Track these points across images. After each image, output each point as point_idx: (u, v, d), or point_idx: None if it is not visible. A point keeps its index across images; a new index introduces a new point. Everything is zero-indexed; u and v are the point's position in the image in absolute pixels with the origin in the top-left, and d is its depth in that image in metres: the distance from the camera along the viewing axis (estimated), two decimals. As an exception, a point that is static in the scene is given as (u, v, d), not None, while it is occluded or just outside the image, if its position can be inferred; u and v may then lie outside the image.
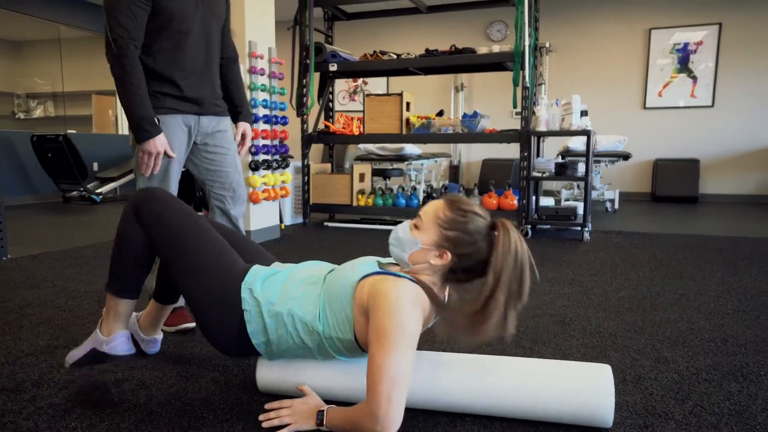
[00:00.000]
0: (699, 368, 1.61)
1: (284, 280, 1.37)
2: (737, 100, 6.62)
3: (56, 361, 1.67)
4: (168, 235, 1.36)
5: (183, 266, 1.35)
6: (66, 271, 2.91)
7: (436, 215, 1.27)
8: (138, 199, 1.39)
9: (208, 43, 1.93)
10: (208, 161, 2.00)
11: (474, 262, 1.26)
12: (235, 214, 2.06)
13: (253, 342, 1.33)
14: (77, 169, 6.37)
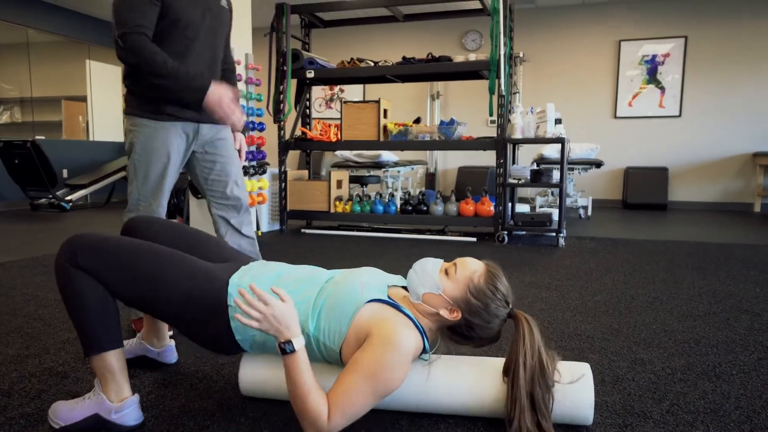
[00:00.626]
0: (674, 368, 1.65)
1: (275, 278, 1.33)
2: (703, 111, 6.83)
3: (27, 370, 1.62)
4: (117, 268, 1.23)
5: (148, 296, 1.25)
6: (35, 279, 2.82)
7: (470, 276, 1.26)
8: (69, 246, 1.23)
9: (213, 51, 1.93)
10: (207, 170, 1.99)
11: (476, 335, 1.27)
12: (236, 223, 2.04)
13: (237, 338, 1.29)
14: (46, 175, 6.21)
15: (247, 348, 1.32)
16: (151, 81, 1.74)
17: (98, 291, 1.24)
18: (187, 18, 1.81)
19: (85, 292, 1.22)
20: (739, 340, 1.91)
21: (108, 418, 1.26)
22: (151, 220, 1.51)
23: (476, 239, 4.22)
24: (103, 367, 1.25)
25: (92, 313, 1.23)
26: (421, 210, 4.41)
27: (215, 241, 1.54)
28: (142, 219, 1.51)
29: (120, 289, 1.25)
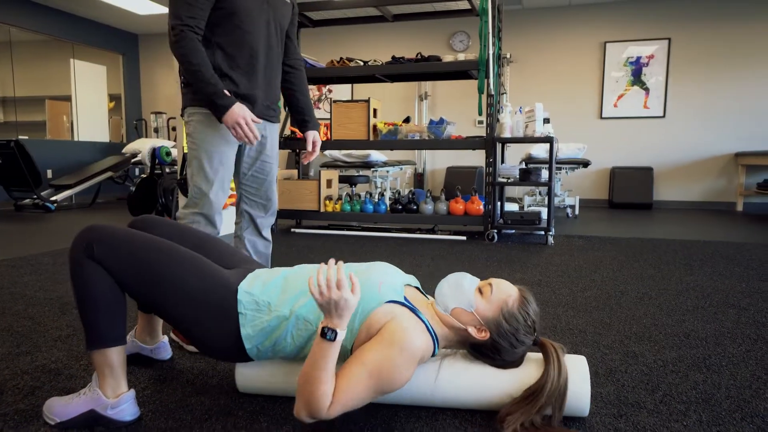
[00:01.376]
0: (666, 361, 1.67)
1: (283, 281, 1.33)
2: (686, 111, 6.94)
3: (19, 368, 1.60)
4: (133, 264, 1.22)
5: (160, 292, 1.23)
6: (23, 278, 2.79)
7: (505, 299, 1.27)
8: (87, 237, 1.22)
9: (269, 45, 1.92)
10: (248, 165, 2.01)
11: (500, 358, 1.28)
12: (261, 223, 2.04)
13: (246, 346, 1.27)
14: (30, 176, 6.13)
15: (254, 355, 1.30)
16: (184, 73, 1.77)
17: (110, 285, 1.23)
18: (245, 9, 1.81)
19: (97, 285, 1.21)
20: (727, 333, 1.94)
21: (104, 414, 1.24)
22: (157, 221, 1.50)
23: (466, 238, 4.25)
24: (104, 363, 1.24)
25: (101, 306, 1.22)
26: (411, 209, 4.42)
27: (220, 244, 1.54)
28: (149, 219, 1.50)
29: (132, 285, 1.24)
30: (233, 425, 1.26)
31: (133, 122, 8.76)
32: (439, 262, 3.28)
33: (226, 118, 1.77)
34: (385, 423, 1.28)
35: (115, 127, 8.77)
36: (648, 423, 1.28)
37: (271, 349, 1.28)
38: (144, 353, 1.64)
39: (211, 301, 1.25)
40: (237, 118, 1.77)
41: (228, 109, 1.75)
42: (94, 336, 1.23)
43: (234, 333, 1.27)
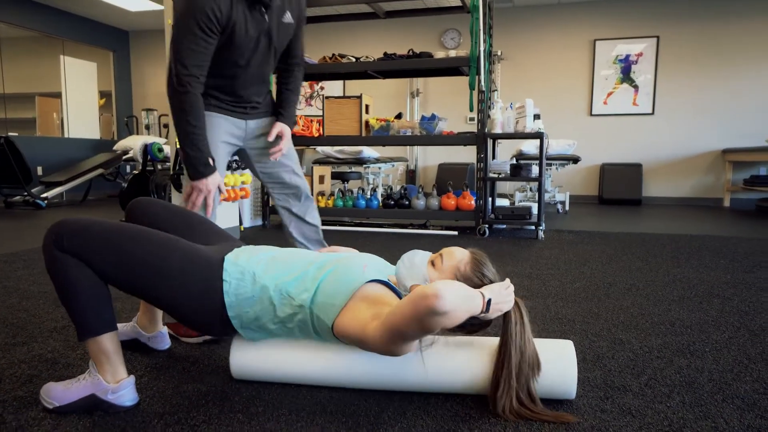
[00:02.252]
0: (651, 347, 1.72)
1: (270, 257, 1.37)
2: (674, 109, 7.03)
3: (16, 357, 1.62)
4: (104, 252, 1.22)
5: (135, 278, 1.24)
6: (16, 272, 2.79)
7: (456, 265, 1.30)
8: (54, 231, 1.22)
9: (262, 71, 1.95)
10: (262, 163, 2.03)
11: (468, 322, 1.27)
12: (299, 211, 2.06)
13: (229, 314, 1.30)
14: (20, 173, 6.10)
15: (238, 326, 1.32)
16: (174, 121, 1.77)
17: (87, 274, 1.23)
18: (240, 45, 1.79)
19: (74, 276, 1.22)
20: (711, 321, 1.99)
21: (104, 399, 1.26)
22: (151, 202, 1.53)
23: (457, 233, 4.29)
24: (98, 350, 1.26)
25: (83, 296, 1.22)
26: (403, 204, 4.46)
27: (213, 226, 1.57)
28: (142, 201, 1.53)
29: (107, 273, 1.24)
30: (230, 409, 1.29)
31: (124, 119, 8.72)
32: (430, 255, 3.32)
33: (197, 184, 1.78)
34: (377, 406, 1.31)
35: (105, 124, 8.74)
36: (633, 404, 1.32)
37: (255, 322, 1.31)
38: (142, 340, 1.66)
39: (191, 275, 1.27)
40: (209, 188, 1.79)
41: (204, 177, 1.77)
42: (83, 326, 1.24)
43: (217, 304, 1.29)
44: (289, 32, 1.97)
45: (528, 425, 1.22)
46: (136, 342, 1.66)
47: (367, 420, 1.23)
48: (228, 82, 1.90)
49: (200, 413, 1.27)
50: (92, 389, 1.27)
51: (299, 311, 1.28)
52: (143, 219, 1.49)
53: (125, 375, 1.29)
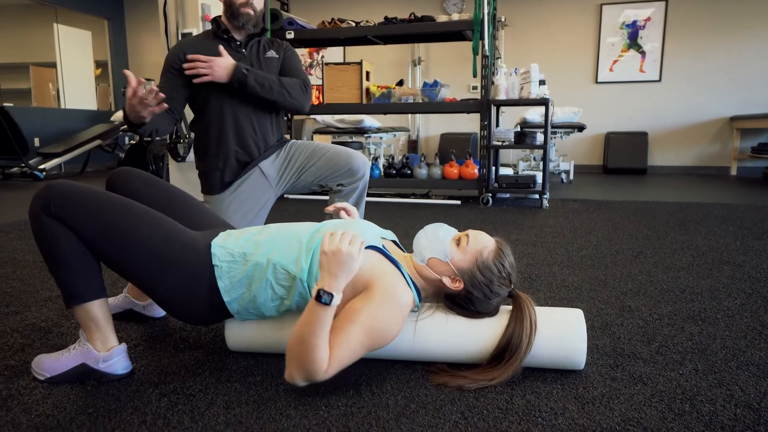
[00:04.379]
0: (661, 314, 1.67)
1: (255, 234, 1.31)
2: (682, 75, 6.87)
3: (8, 326, 1.57)
4: (92, 222, 1.17)
5: (123, 251, 1.18)
6: (12, 242, 2.74)
7: (481, 250, 1.25)
8: (43, 195, 1.17)
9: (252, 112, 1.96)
10: (306, 171, 1.97)
11: (474, 308, 1.27)
12: (358, 185, 1.97)
13: (225, 299, 1.24)
14: (17, 144, 6.01)
15: (235, 310, 1.26)
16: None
17: (75, 241, 1.18)
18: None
19: (60, 241, 1.17)
20: (722, 288, 1.94)
21: (96, 368, 1.22)
22: (132, 174, 1.45)
23: (460, 202, 4.22)
24: (86, 317, 1.22)
25: (69, 262, 1.18)
26: (405, 174, 4.38)
27: (197, 203, 1.50)
28: (122, 172, 1.45)
29: (93, 244, 1.19)
30: (227, 378, 1.25)
31: (121, 90, 8.57)
32: (433, 224, 3.26)
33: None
34: (380, 375, 1.26)
35: (102, 94, 8.60)
36: (644, 372, 1.27)
37: (252, 303, 1.25)
38: (136, 309, 1.61)
39: (180, 261, 1.21)
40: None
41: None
42: (70, 292, 1.20)
43: (208, 291, 1.23)
44: (274, 65, 2.00)
45: (535, 393, 1.17)
46: (131, 313, 1.62)
47: (368, 390, 1.19)
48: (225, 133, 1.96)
49: (196, 382, 1.23)
50: (82, 358, 1.23)
51: (296, 285, 1.22)
52: (124, 193, 1.42)
53: (116, 343, 1.25)
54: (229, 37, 1.93)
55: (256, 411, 1.10)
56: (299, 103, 1.95)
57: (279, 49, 2.03)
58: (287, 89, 1.91)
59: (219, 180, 1.93)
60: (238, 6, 1.89)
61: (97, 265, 1.22)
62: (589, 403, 1.14)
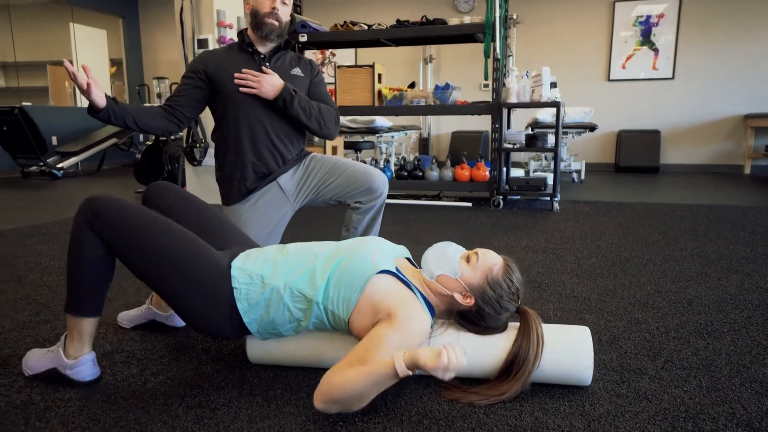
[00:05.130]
0: (668, 327, 1.71)
1: (274, 255, 1.37)
2: (696, 73, 6.82)
3: (40, 336, 1.65)
4: (130, 238, 1.26)
5: (156, 269, 1.27)
6: (36, 247, 2.83)
7: (490, 267, 1.31)
8: (91, 209, 1.26)
9: (274, 131, 1.99)
10: (324, 188, 2.01)
11: (485, 324, 1.33)
12: (375, 203, 2.00)
13: (245, 320, 1.31)
14: (36, 142, 6.14)
15: (255, 330, 1.34)
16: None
17: (103, 259, 1.28)
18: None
19: (90, 257, 1.27)
20: (730, 299, 1.98)
21: (63, 373, 1.33)
22: (167, 189, 1.53)
23: (471, 204, 4.26)
24: (74, 328, 1.33)
25: (88, 277, 1.29)
26: (416, 176, 4.43)
27: (224, 219, 1.57)
28: (159, 186, 1.54)
29: (129, 261, 1.28)
30: (249, 392, 1.31)
31: (136, 88, 8.68)
32: (445, 228, 3.31)
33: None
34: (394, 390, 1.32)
35: (117, 92, 8.71)
36: (649, 389, 1.32)
37: (271, 324, 1.32)
38: (159, 320, 1.69)
39: (205, 281, 1.29)
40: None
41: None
42: (74, 302, 1.31)
43: (229, 311, 1.30)
44: (301, 84, 2.03)
45: (543, 410, 1.22)
46: (154, 323, 1.69)
47: (383, 404, 1.25)
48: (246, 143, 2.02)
49: (220, 396, 1.29)
50: (54, 363, 1.34)
51: (313, 308, 1.29)
52: (158, 206, 1.50)
53: (87, 351, 1.34)
54: (253, 50, 1.98)
55: (278, 425, 1.17)
56: (329, 133, 2.00)
57: (306, 69, 2.06)
58: (324, 118, 1.97)
59: (237, 190, 1.99)
60: (263, 16, 1.92)
61: (105, 287, 1.33)
62: (595, 420, 1.19)
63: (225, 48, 2.01)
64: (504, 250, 2.74)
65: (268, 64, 1.98)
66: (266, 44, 1.98)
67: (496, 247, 2.80)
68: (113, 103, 1.71)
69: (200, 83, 1.94)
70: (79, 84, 1.57)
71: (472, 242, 2.93)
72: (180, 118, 1.92)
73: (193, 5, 3.53)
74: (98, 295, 1.32)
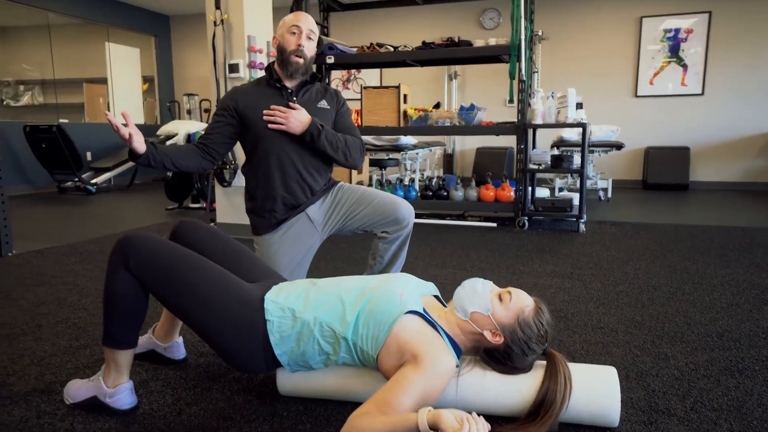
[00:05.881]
0: (697, 364, 1.70)
1: (305, 289, 1.41)
2: (726, 89, 6.71)
3: (80, 362, 1.72)
4: (164, 277, 1.32)
5: (189, 305, 1.32)
6: (74, 267, 2.94)
7: (522, 308, 1.33)
8: (124, 248, 1.33)
9: (303, 164, 2.04)
10: (352, 218, 2.05)
11: (511, 364, 1.34)
12: (402, 233, 2.03)
13: (276, 353, 1.36)
14: (72, 159, 6.34)
15: (285, 362, 1.38)
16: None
17: (137, 296, 1.35)
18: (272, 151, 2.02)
19: (124, 294, 1.34)
20: (762, 333, 1.95)
21: (103, 401, 1.40)
22: (198, 226, 1.59)
23: (496, 224, 4.26)
24: (111, 358, 1.40)
25: (122, 313, 1.36)
26: (441, 195, 4.45)
27: (252, 255, 1.63)
28: (190, 224, 1.59)
29: (162, 297, 1.35)
30: (279, 425, 1.35)
31: (167, 104, 8.91)
32: (469, 252, 3.32)
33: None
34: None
35: (149, 108, 8.95)
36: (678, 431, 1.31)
37: (301, 357, 1.36)
38: (158, 350, 1.72)
39: (239, 316, 1.33)
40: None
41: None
42: (109, 335, 1.38)
43: (261, 344, 1.35)
44: (327, 116, 2.08)
45: (571, 452, 1.23)
46: (152, 353, 1.73)
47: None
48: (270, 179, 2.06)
49: (252, 428, 1.33)
50: (94, 391, 1.41)
51: (342, 344, 1.32)
52: (189, 242, 1.56)
53: (124, 381, 1.40)
54: (281, 85, 2.04)
55: (308, 462, 1.20)
56: (354, 163, 2.05)
57: (332, 100, 2.11)
58: (350, 150, 2.02)
59: (267, 221, 2.04)
60: (289, 54, 1.99)
61: (140, 322, 1.39)
62: (623, 464, 1.19)
63: (254, 83, 2.08)
64: (529, 276, 2.74)
65: (295, 99, 2.04)
66: (293, 79, 2.04)
67: (522, 272, 2.81)
68: (152, 148, 1.80)
69: (231, 120, 2.01)
70: (121, 135, 1.65)
71: (498, 266, 2.94)
72: (213, 155, 1.99)
73: (225, 31, 3.64)
74: (132, 329, 1.38)
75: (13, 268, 2.91)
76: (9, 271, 2.87)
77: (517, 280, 2.66)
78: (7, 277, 2.73)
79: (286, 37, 1.99)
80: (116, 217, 4.75)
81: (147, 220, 4.55)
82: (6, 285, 2.60)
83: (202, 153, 1.98)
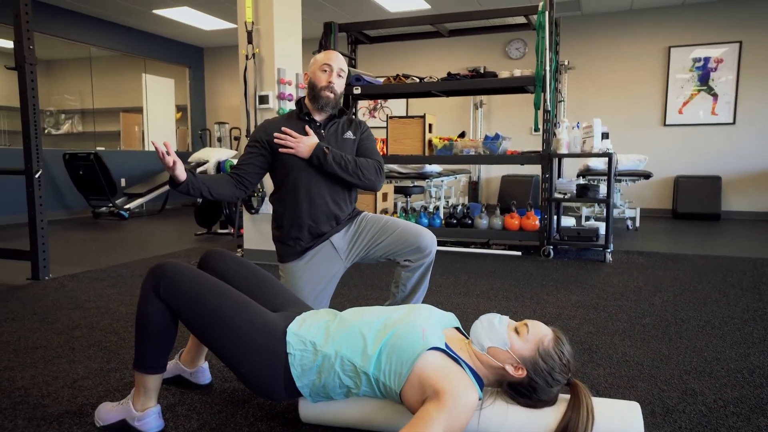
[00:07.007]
0: (726, 401, 1.66)
1: (327, 322, 1.45)
2: (759, 118, 6.61)
3: (110, 385, 1.77)
4: (190, 303, 1.38)
5: (215, 332, 1.37)
6: (106, 291, 3.03)
7: (541, 338, 1.34)
8: (155, 276, 1.40)
9: (330, 195, 2.11)
10: (375, 247, 2.09)
11: (537, 397, 1.34)
12: (424, 262, 2.06)
13: (297, 385, 1.38)
14: (107, 185, 6.57)
15: (307, 394, 1.41)
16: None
17: (167, 324, 1.42)
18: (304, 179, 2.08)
19: (156, 321, 1.41)
20: (795, 370, 1.89)
21: (132, 424, 1.45)
22: (225, 255, 1.65)
23: (521, 253, 4.24)
24: (141, 383, 1.45)
25: (153, 339, 1.42)
26: (465, 223, 4.46)
27: (274, 284, 1.67)
28: (217, 253, 1.65)
29: (190, 324, 1.40)
30: (301, 452, 1.37)
31: (198, 132, 9.19)
32: (493, 280, 3.31)
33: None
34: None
35: (181, 136, 9.24)
36: (704, 470, 1.29)
37: (322, 389, 1.38)
38: (184, 375, 1.76)
39: (263, 344, 1.37)
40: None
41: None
42: (140, 360, 1.43)
43: (283, 374, 1.38)
44: (352, 145, 2.15)
45: (593, 489, 1.22)
46: (178, 378, 1.77)
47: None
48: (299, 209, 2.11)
49: (274, 455, 1.35)
50: (123, 414, 1.47)
51: (362, 378, 1.34)
52: (216, 270, 1.62)
53: (153, 405, 1.45)
54: (310, 119, 2.12)
55: (329, 490, 1.21)
56: (371, 183, 2.09)
57: (357, 130, 2.18)
58: (362, 170, 2.06)
59: (293, 249, 2.09)
60: (320, 89, 2.07)
61: (170, 348, 1.45)
62: (646, 503, 1.17)
63: (284, 116, 2.16)
64: (554, 306, 2.72)
65: (323, 132, 2.11)
66: (322, 113, 2.12)
67: (546, 302, 2.79)
68: (192, 176, 1.88)
69: (263, 151, 2.08)
70: (165, 162, 1.74)
71: (522, 295, 2.92)
72: (246, 185, 2.07)
73: (256, 65, 3.77)
74: (162, 354, 1.44)
75: (50, 292, 3.02)
76: (46, 294, 2.97)
77: (541, 311, 2.64)
78: (44, 301, 2.83)
79: (318, 75, 2.07)
80: (147, 242, 4.89)
81: (176, 246, 4.67)
82: (43, 308, 2.70)
83: (236, 182, 2.05)
